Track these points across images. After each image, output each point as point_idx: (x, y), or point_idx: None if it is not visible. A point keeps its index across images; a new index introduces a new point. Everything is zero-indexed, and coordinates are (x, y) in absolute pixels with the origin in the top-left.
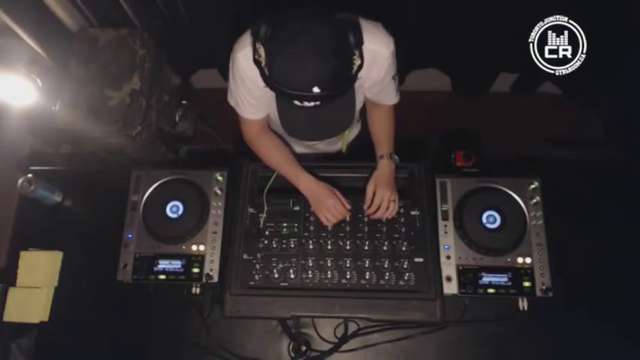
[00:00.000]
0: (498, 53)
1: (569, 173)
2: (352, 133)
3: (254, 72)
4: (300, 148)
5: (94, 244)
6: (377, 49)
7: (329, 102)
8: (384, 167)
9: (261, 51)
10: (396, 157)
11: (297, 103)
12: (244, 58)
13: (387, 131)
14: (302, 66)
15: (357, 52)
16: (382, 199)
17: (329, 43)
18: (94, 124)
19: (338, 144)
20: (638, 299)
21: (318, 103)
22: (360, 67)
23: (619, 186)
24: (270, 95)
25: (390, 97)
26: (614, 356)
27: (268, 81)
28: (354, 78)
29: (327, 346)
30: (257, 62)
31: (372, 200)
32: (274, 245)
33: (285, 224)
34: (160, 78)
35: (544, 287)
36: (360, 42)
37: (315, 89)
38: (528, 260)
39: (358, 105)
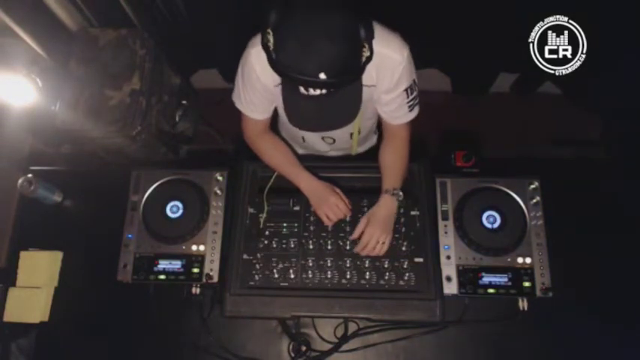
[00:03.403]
0: (498, 53)
1: (569, 173)
2: (367, 144)
3: (264, 69)
4: (304, 152)
5: (94, 244)
6: (390, 54)
7: (335, 91)
8: (383, 205)
9: (270, 36)
10: (400, 194)
11: (302, 91)
12: (257, 54)
13: (396, 166)
14: (310, 51)
15: (366, 45)
16: (370, 238)
17: (339, 31)
18: (94, 124)
19: (347, 150)
20: (638, 299)
21: (324, 91)
22: (369, 59)
23: (619, 186)
24: (276, 95)
25: (403, 114)
26: (614, 356)
27: (275, 65)
28: (362, 69)
29: (327, 346)
30: (265, 47)
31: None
32: (274, 245)
33: (285, 224)
34: (160, 78)
35: (544, 287)
36: (370, 36)
37: (322, 75)
38: (528, 260)
39: (371, 114)
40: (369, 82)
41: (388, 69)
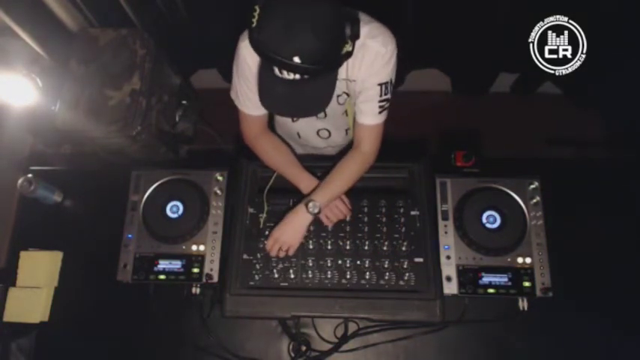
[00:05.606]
0: (498, 53)
1: (569, 173)
2: None
3: (255, 61)
4: (301, 150)
5: (94, 244)
6: (373, 45)
7: (308, 79)
8: (294, 212)
9: (256, 13)
10: (317, 209)
11: (277, 73)
12: (248, 47)
13: (337, 179)
14: (290, 35)
15: (349, 42)
16: (275, 242)
17: (324, 24)
18: (94, 124)
19: (344, 146)
20: (638, 299)
21: (297, 77)
22: (349, 54)
23: (619, 186)
24: None
25: (371, 112)
26: (614, 356)
27: (253, 41)
28: (339, 62)
29: (327, 346)
30: (249, 22)
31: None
32: None
33: None
34: (160, 78)
35: (544, 287)
36: (355, 35)
37: (296, 59)
38: (528, 260)
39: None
40: (353, 77)
41: (369, 59)
